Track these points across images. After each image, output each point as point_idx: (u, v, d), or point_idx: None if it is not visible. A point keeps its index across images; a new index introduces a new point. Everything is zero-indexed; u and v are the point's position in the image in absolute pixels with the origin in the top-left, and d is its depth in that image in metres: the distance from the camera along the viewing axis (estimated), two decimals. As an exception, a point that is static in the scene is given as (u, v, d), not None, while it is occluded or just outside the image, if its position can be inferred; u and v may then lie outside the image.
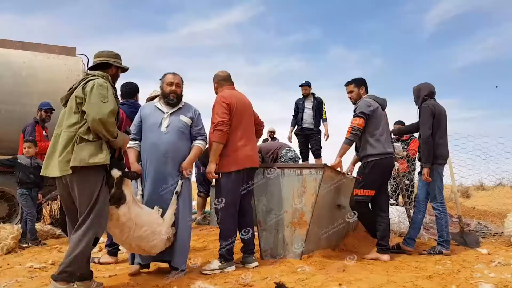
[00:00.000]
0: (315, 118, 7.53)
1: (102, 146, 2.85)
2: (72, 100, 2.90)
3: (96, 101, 2.79)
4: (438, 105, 4.64)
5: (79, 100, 2.86)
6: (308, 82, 7.71)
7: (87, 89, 2.85)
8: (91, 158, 2.77)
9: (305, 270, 3.48)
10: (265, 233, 4.02)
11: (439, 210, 4.57)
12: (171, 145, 3.49)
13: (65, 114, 2.94)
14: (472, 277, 3.37)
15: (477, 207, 9.68)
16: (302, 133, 7.65)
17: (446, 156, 4.70)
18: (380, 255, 4.18)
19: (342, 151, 4.31)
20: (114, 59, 3.18)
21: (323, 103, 7.63)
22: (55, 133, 2.93)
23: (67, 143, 2.80)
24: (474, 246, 4.93)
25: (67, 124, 2.86)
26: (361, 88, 4.46)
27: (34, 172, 5.22)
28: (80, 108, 2.85)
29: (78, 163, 2.74)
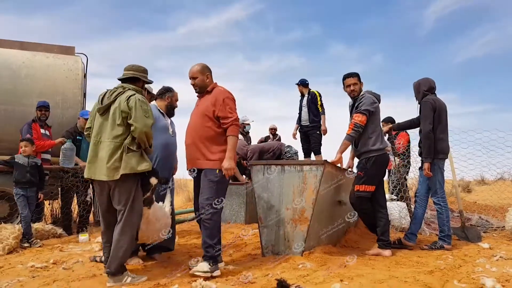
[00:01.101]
0: (310, 113, 7.52)
1: (143, 155, 3.35)
2: (116, 113, 3.29)
3: (141, 115, 3.25)
4: (438, 100, 4.63)
5: (124, 115, 3.26)
6: (301, 81, 7.68)
7: (131, 104, 3.26)
8: (139, 166, 3.27)
9: (306, 267, 3.48)
10: (266, 230, 4.02)
11: (440, 205, 4.57)
12: (176, 148, 4.32)
13: (104, 124, 3.34)
14: (473, 272, 3.37)
15: (478, 201, 9.67)
16: (301, 130, 7.73)
17: (447, 151, 4.70)
18: (381, 250, 4.19)
19: (343, 147, 4.30)
20: (143, 74, 3.59)
21: (318, 97, 7.55)
22: (94, 140, 3.35)
23: (114, 152, 3.24)
24: (475, 241, 4.93)
25: (112, 135, 3.28)
26: (361, 83, 4.44)
27: (31, 172, 5.18)
28: (125, 122, 3.26)
29: (129, 170, 3.22)
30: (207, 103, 3.58)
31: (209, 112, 3.53)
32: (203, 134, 3.54)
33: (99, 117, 3.39)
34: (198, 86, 3.68)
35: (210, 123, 3.54)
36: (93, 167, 3.30)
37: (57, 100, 6.71)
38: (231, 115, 3.51)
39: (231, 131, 3.48)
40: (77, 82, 6.89)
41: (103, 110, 3.35)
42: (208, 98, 3.60)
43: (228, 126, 3.49)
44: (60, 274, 3.58)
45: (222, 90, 3.62)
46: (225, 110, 3.50)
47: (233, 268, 3.58)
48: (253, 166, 4.17)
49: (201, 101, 3.69)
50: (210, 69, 3.74)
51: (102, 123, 3.35)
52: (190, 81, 3.69)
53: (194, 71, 3.67)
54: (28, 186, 5.20)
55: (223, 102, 3.52)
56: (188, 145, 3.65)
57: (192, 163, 3.62)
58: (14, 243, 4.79)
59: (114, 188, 3.27)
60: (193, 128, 3.63)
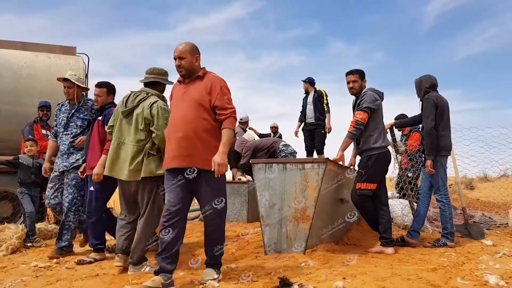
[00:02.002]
0: (315, 111, 7.56)
1: (162, 159, 3.49)
2: (139, 119, 3.57)
3: (163, 124, 3.51)
4: (440, 97, 4.61)
5: (147, 121, 3.55)
6: (307, 79, 7.75)
7: (153, 112, 3.53)
8: (157, 169, 3.54)
9: (309, 265, 3.47)
10: (268, 228, 4.01)
11: (443, 202, 4.56)
12: None
13: (128, 126, 3.62)
14: (477, 269, 3.36)
15: (481, 198, 9.65)
16: (306, 128, 7.74)
17: (450, 148, 4.68)
18: (384, 248, 4.18)
19: (344, 145, 4.29)
20: (163, 77, 3.82)
21: (325, 96, 7.63)
22: (117, 140, 3.62)
23: (136, 155, 3.54)
24: (478, 238, 4.92)
25: (135, 139, 3.57)
26: (363, 81, 4.42)
27: (36, 172, 5.20)
28: (147, 128, 3.55)
29: (148, 174, 3.52)
30: (200, 90, 3.13)
31: (204, 101, 3.10)
32: (199, 127, 3.07)
33: (122, 119, 3.66)
34: (185, 69, 3.17)
35: (206, 115, 3.10)
36: (116, 166, 3.60)
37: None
38: (230, 106, 3.13)
39: (228, 123, 3.10)
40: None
41: (127, 113, 3.63)
42: (201, 85, 3.15)
43: (226, 118, 3.09)
44: (63, 273, 3.59)
45: (218, 77, 3.21)
46: (223, 100, 3.11)
47: (236, 267, 3.57)
48: (254, 165, 4.17)
49: (190, 88, 3.18)
50: (199, 51, 3.26)
51: (125, 125, 3.64)
52: (175, 61, 3.18)
53: (182, 51, 3.17)
54: (33, 186, 5.25)
55: (221, 90, 3.13)
56: (178, 139, 3.07)
57: (188, 161, 3.05)
58: (17, 243, 4.81)
59: (136, 188, 3.58)
60: (185, 119, 3.08)
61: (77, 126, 4.55)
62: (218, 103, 3.09)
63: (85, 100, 4.70)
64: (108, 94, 4.39)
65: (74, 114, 4.56)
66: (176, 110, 3.19)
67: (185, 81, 3.23)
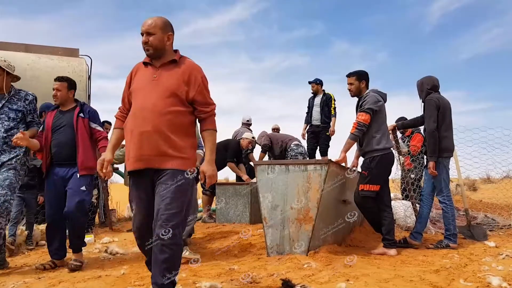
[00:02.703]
0: (322, 114, 7.60)
1: None
2: None
3: None
4: (442, 98, 4.61)
5: None
6: (316, 80, 7.80)
7: None
8: None
9: (311, 266, 3.47)
10: (271, 229, 4.01)
11: (446, 203, 4.55)
12: None
13: None
14: (479, 271, 3.36)
15: (484, 200, 9.62)
16: (311, 130, 7.76)
17: (452, 149, 4.68)
18: (387, 249, 4.17)
19: (347, 146, 4.29)
20: None
21: (333, 100, 7.70)
22: None
23: None
24: (481, 239, 4.91)
25: None
26: (362, 82, 4.43)
27: (29, 175, 4.84)
28: None
29: None
30: (175, 78, 2.60)
31: (181, 92, 2.57)
32: (171, 121, 2.54)
33: None
34: (153, 47, 2.63)
35: (181, 107, 2.59)
36: None
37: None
38: (212, 102, 2.69)
39: (211, 123, 2.66)
40: (81, 84, 6.91)
41: None
42: (177, 72, 2.63)
43: (207, 117, 2.65)
44: (66, 275, 3.60)
45: (197, 66, 2.71)
46: (204, 94, 2.64)
47: (238, 268, 3.58)
48: (257, 166, 4.17)
49: (164, 75, 2.62)
50: (173, 29, 2.74)
51: None
52: (143, 37, 2.64)
53: (152, 25, 2.62)
54: (26, 188, 5.02)
55: (202, 82, 2.64)
56: (145, 133, 2.53)
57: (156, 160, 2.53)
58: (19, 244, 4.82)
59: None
60: (155, 110, 2.54)
61: (10, 118, 3.98)
62: (198, 98, 2.61)
63: (16, 90, 4.19)
64: (69, 89, 4.12)
65: (5, 105, 4.00)
66: (144, 98, 2.59)
67: (156, 64, 2.66)
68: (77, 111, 4.05)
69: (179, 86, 2.57)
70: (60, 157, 3.96)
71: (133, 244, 4.95)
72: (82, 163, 3.92)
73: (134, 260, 4.12)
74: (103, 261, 4.19)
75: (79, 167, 3.91)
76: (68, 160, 3.95)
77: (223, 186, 6.72)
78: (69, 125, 3.99)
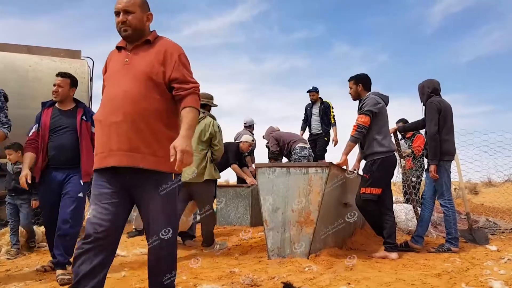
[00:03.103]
0: (322, 123, 7.65)
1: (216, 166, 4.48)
2: (202, 133, 4.45)
3: (220, 139, 4.57)
4: (443, 101, 4.61)
5: (210, 136, 4.47)
6: (315, 88, 7.84)
7: (215, 129, 4.49)
8: (216, 174, 4.58)
9: (312, 269, 3.46)
10: (271, 232, 4.00)
11: (447, 207, 4.54)
12: None
13: None
14: (481, 275, 3.35)
15: (485, 203, 9.60)
16: (311, 138, 7.78)
17: (453, 152, 4.67)
18: (388, 253, 4.16)
19: (347, 149, 4.29)
20: (210, 100, 4.79)
21: (331, 108, 7.75)
22: None
23: (200, 162, 4.44)
24: (483, 243, 4.89)
25: (198, 148, 4.44)
26: (359, 86, 4.45)
27: (17, 179, 4.36)
28: (208, 141, 4.49)
29: (211, 177, 4.50)
30: (150, 60, 2.24)
31: (156, 74, 2.20)
32: (146, 109, 2.16)
33: None
34: (132, 28, 2.26)
35: (158, 93, 2.20)
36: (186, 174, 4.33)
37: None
38: (193, 80, 2.28)
39: (191, 100, 2.20)
40: (83, 85, 6.92)
41: None
42: (151, 53, 2.26)
43: (188, 94, 2.20)
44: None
45: (173, 43, 2.35)
46: (182, 71, 2.24)
47: (239, 271, 3.57)
48: (258, 168, 4.17)
49: (136, 57, 2.27)
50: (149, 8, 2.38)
51: None
52: (118, 16, 2.27)
53: (130, 2, 2.27)
54: (15, 193, 4.88)
55: (179, 59, 2.25)
56: (117, 125, 2.16)
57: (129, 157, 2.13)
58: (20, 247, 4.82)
59: (197, 188, 4.46)
60: (128, 98, 2.16)
61: None
62: (176, 75, 2.22)
63: None
64: (71, 86, 3.89)
65: None
66: (114, 85, 2.25)
67: (128, 47, 2.31)
68: (80, 113, 3.80)
69: (153, 68, 2.20)
70: (58, 160, 3.69)
71: (134, 246, 4.95)
72: (86, 170, 3.68)
73: (134, 262, 4.11)
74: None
75: (82, 174, 3.70)
76: (67, 164, 3.69)
77: (224, 188, 6.72)
78: (71, 127, 3.74)
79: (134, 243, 5.30)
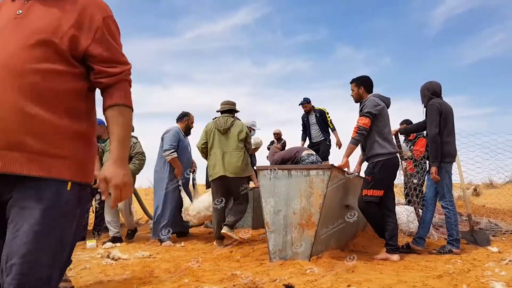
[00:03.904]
0: (322, 130, 7.75)
1: None
2: (238, 134, 5.10)
3: (250, 140, 5.27)
4: (444, 103, 4.61)
5: (244, 137, 5.12)
6: (307, 99, 8.06)
7: (246, 132, 5.18)
8: (251, 171, 5.26)
9: (314, 272, 3.46)
10: (273, 234, 4.01)
11: (448, 208, 4.54)
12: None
13: (226, 140, 5.11)
14: (483, 276, 3.35)
15: (487, 205, 9.59)
16: (313, 147, 7.83)
17: (454, 154, 4.67)
18: (389, 255, 4.16)
19: (348, 151, 4.30)
20: (235, 106, 5.39)
21: (327, 113, 7.86)
22: (221, 150, 5.07)
23: (238, 160, 5.03)
24: (484, 245, 4.89)
25: (236, 148, 5.07)
26: (360, 88, 4.46)
27: None
28: (243, 141, 5.12)
29: (248, 173, 5.18)
30: (55, 15, 1.45)
31: (61, 38, 1.42)
32: (37, 86, 1.38)
33: (221, 135, 5.13)
34: None
35: (59, 64, 1.42)
36: (224, 168, 4.99)
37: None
38: (123, 59, 1.56)
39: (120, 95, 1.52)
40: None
41: (225, 131, 5.12)
42: (61, 7, 1.47)
43: (114, 83, 1.52)
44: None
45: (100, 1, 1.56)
46: (107, 43, 1.50)
47: (241, 273, 3.57)
48: (259, 171, 4.17)
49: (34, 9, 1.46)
50: None
51: (224, 140, 5.11)
52: None
53: None
54: None
55: (105, 25, 1.51)
56: None
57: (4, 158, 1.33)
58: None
59: (235, 182, 5.03)
60: (8, 67, 1.37)
61: None
62: (97, 49, 1.48)
63: None
64: None
65: None
66: None
67: None
68: None
69: (59, 28, 1.42)
70: None
71: (136, 250, 4.96)
72: None
73: (136, 265, 4.12)
74: (105, 266, 4.18)
75: None
76: None
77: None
78: None
79: (136, 246, 5.31)
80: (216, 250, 4.79)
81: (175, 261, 4.22)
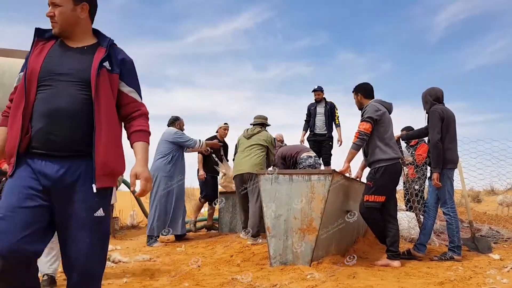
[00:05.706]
0: (327, 123, 7.58)
1: None
2: (262, 141, 5.60)
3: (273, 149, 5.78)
4: (446, 110, 4.61)
5: (266, 144, 5.59)
6: (321, 87, 7.77)
7: (270, 140, 5.70)
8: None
9: (314, 277, 3.45)
10: (274, 239, 4.00)
11: (450, 215, 4.53)
12: None
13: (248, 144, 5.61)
14: (484, 283, 3.33)
15: (488, 212, 9.57)
16: (314, 138, 7.69)
17: (456, 160, 4.67)
18: (390, 261, 4.15)
19: (349, 157, 4.30)
20: (266, 120, 5.86)
21: (336, 108, 7.69)
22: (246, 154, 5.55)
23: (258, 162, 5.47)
24: (485, 252, 4.88)
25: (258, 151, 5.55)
26: (358, 95, 4.50)
27: None
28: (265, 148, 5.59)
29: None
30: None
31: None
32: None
33: (243, 140, 5.69)
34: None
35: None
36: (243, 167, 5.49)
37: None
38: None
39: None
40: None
41: (249, 137, 5.64)
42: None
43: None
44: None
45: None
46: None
47: (241, 278, 3.57)
48: (261, 176, 4.17)
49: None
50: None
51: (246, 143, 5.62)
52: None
53: None
54: None
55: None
56: None
57: None
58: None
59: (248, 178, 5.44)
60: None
61: None
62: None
63: None
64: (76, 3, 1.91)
65: None
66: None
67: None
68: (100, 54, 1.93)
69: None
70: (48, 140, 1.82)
71: (136, 253, 4.95)
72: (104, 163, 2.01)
73: (137, 268, 4.11)
74: (105, 270, 4.17)
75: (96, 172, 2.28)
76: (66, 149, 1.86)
77: (226, 195, 6.71)
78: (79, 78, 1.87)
79: (136, 249, 5.31)
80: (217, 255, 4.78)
81: (176, 265, 4.22)
